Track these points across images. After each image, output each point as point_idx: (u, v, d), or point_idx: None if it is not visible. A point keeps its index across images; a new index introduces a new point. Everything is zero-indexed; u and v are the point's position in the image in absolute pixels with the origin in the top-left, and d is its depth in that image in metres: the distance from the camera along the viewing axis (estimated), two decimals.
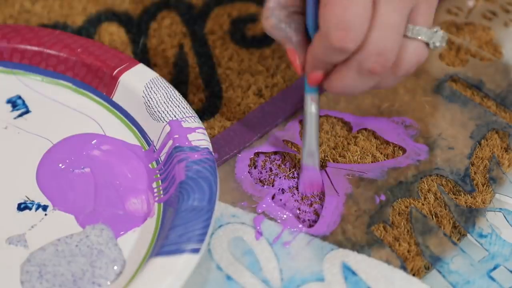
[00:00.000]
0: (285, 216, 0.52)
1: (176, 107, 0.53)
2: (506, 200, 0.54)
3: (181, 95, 0.54)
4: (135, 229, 0.50)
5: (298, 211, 0.52)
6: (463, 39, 0.64)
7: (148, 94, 0.54)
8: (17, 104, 0.56)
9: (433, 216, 0.52)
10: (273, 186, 0.54)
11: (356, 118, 0.58)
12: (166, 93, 0.54)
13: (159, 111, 0.53)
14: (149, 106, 0.54)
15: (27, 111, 0.56)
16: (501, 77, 0.61)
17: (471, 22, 0.66)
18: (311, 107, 0.51)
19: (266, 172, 0.54)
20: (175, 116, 0.53)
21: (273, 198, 0.53)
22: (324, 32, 0.44)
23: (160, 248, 0.46)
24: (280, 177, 0.54)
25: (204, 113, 0.58)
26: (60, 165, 0.53)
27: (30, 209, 0.51)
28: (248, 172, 0.55)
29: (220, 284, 0.49)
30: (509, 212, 0.53)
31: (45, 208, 0.51)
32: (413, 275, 0.50)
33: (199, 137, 0.52)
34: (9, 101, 0.57)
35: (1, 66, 0.58)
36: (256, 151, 0.56)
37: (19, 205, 0.51)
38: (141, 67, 0.56)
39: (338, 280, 0.49)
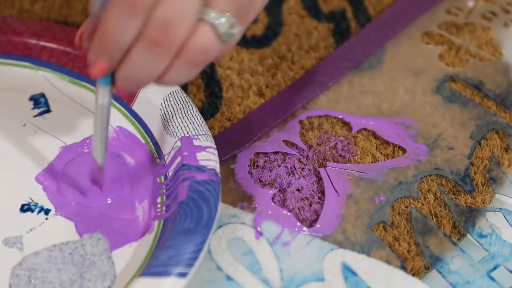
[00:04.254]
0: (285, 216, 0.52)
1: (190, 123, 0.52)
2: (506, 200, 0.54)
3: (198, 112, 0.53)
4: (131, 244, 0.49)
5: (298, 211, 0.52)
6: (463, 39, 0.64)
7: (166, 107, 0.53)
8: (39, 102, 0.56)
9: (433, 216, 0.52)
10: (273, 186, 0.54)
11: (356, 118, 0.58)
12: (184, 108, 0.53)
13: (173, 126, 0.52)
14: (164, 119, 0.53)
15: (48, 110, 0.56)
16: (501, 77, 0.61)
17: (471, 22, 0.66)
18: (101, 100, 0.46)
19: (266, 172, 0.54)
20: (187, 133, 0.52)
21: (273, 198, 0.53)
22: None
23: (148, 268, 0.45)
24: (280, 177, 0.54)
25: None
26: (68, 169, 0.52)
27: (32, 211, 0.50)
28: (248, 172, 0.54)
29: (220, 284, 0.48)
30: (509, 212, 0.53)
31: (47, 212, 0.50)
32: (413, 275, 0.50)
33: (208, 156, 0.50)
34: (32, 99, 0.56)
35: (29, 62, 0.57)
36: (256, 151, 0.56)
37: (22, 206, 0.50)
38: None
39: (338, 280, 0.49)
